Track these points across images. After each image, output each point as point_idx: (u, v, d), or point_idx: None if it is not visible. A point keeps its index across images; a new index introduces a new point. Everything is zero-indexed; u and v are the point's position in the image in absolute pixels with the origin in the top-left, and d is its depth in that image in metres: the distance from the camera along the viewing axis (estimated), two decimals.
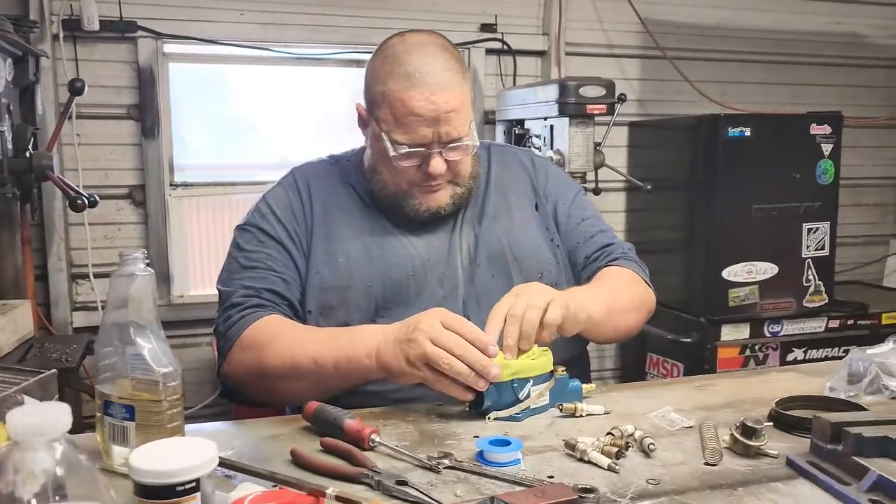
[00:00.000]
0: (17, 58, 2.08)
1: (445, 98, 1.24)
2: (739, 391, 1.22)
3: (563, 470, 0.91)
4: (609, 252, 1.41)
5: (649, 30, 3.07)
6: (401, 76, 1.24)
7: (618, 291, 1.31)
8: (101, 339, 0.90)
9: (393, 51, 1.28)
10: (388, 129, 1.26)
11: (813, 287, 2.75)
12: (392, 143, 1.25)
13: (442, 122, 1.24)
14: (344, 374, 1.14)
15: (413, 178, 1.29)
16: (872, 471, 0.83)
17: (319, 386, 1.14)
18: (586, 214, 1.46)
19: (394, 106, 1.24)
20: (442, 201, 1.32)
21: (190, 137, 2.72)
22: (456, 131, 1.26)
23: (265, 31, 2.66)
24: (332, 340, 1.17)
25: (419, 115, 1.23)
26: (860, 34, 3.46)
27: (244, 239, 1.34)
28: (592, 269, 1.40)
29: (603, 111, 2.45)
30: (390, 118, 1.25)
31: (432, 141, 1.25)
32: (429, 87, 1.23)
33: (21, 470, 0.52)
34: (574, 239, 1.43)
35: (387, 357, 1.09)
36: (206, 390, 2.66)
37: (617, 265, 1.39)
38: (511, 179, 1.45)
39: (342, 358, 1.14)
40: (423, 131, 1.24)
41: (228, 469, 0.87)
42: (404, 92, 1.23)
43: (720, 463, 0.92)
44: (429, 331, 1.05)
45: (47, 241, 2.48)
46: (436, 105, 1.23)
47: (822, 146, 2.71)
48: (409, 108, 1.23)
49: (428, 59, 1.26)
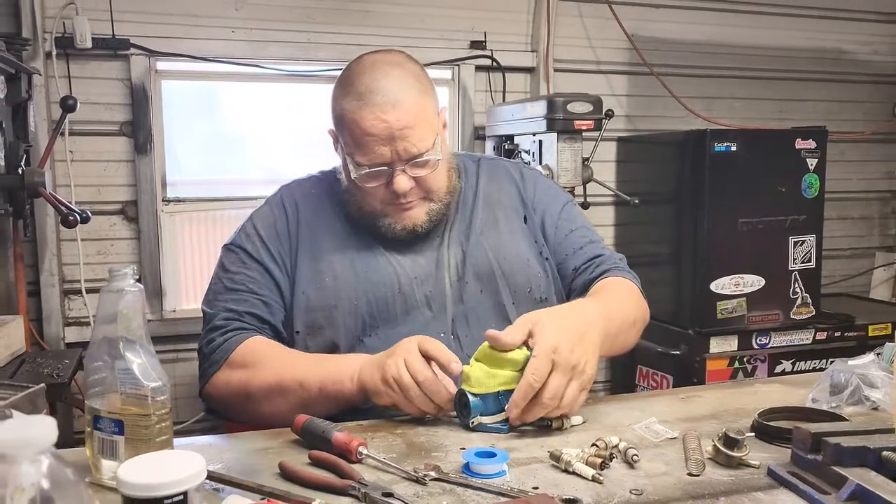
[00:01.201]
0: (9, 75, 2.09)
1: (397, 115, 1.23)
2: (724, 402, 1.23)
3: (548, 481, 0.92)
4: (599, 262, 1.39)
5: (636, 46, 3.11)
6: (352, 96, 1.25)
7: (625, 307, 1.29)
8: (90, 354, 0.91)
9: (348, 73, 1.29)
10: (350, 152, 1.27)
11: (800, 299, 2.78)
12: (354, 165, 1.26)
13: (398, 139, 1.23)
14: (328, 397, 1.16)
15: (383, 198, 1.29)
16: (851, 480, 0.84)
17: (303, 408, 1.14)
18: (575, 225, 1.44)
19: (350, 127, 1.25)
20: (417, 219, 1.32)
21: (182, 153, 2.74)
22: (415, 147, 1.25)
23: (256, 49, 2.68)
24: (319, 365, 1.19)
25: (373, 135, 1.23)
26: (844, 50, 3.52)
27: (229, 259, 1.35)
28: (583, 281, 1.38)
29: (590, 127, 2.48)
30: (350, 140, 1.26)
31: (392, 160, 1.25)
32: (379, 106, 1.23)
33: (9, 483, 0.53)
34: (563, 251, 1.41)
35: (365, 377, 1.13)
36: (198, 405, 2.65)
37: (612, 276, 1.37)
38: (499, 193, 1.44)
39: (328, 381, 1.16)
40: (380, 150, 1.24)
41: (216, 482, 0.88)
42: (357, 112, 1.24)
43: (703, 473, 0.94)
44: (405, 354, 1.09)
45: (40, 257, 2.48)
46: (388, 123, 1.22)
47: (807, 160, 2.75)
48: (363, 129, 1.23)
49: (378, 76, 1.25)
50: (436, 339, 1.12)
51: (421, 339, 1.12)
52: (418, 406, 1.09)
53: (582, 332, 1.08)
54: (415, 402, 1.09)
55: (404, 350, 1.10)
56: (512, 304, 1.35)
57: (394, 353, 1.11)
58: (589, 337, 1.09)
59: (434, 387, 1.08)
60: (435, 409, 1.10)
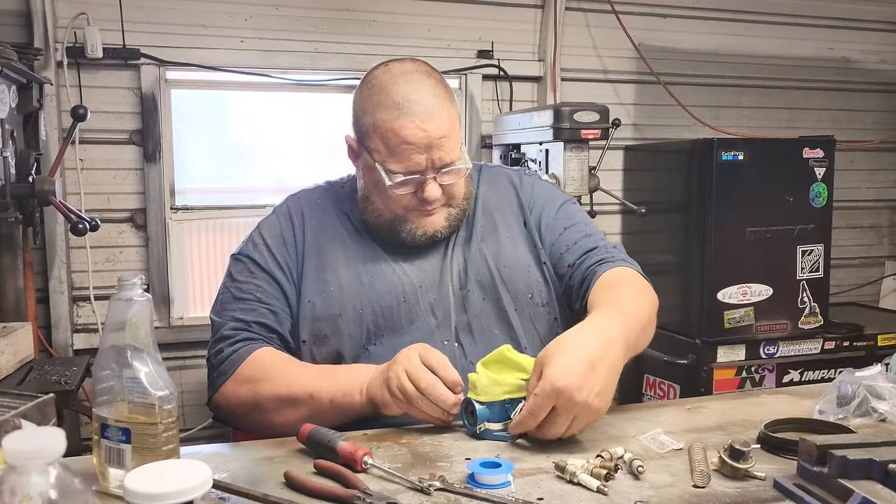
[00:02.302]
0: (21, 85, 2.12)
1: (436, 125, 1.25)
2: (730, 413, 1.23)
3: (552, 492, 0.92)
4: (594, 254, 1.35)
5: (643, 56, 3.12)
6: (389, 106, 1.25)
7: (639, 307, 1.22)
8: (99, 363, 0.91)
9: (378, 81, 1.29)
10: (382, 160, 1.27)
11: (808, 309, 2.76)
12: (387, 173, 1.26)
13: (434, 148, 1.25)
14: (338, 409, 1.17)
15: (409, 205, 1.30)
16: (857, 493, 0.84)
17: (313, 419, 1.15)
18: (570, 222, 1.41)
19: (385, 136, 1.25)
20: (438, 224, 1.33)
21: (191, 162, 2.76)
22: (448, 156, 1.27)
23: (265, 58, 2.71)
24: (329, 376, 1.20)
25: (411, 144, 1.24)
26: (852, 59, 3.51)
27: (237, 269, 1.36)
28: (580, 277, 1.34)
29: (597, 136, 2.48)
30: (383, 148, 1.26)
31: (426, 168, 1.26)
32: (419, 116, 1.24)
33: (17, 493, 0.54)
34: (558, 249, 1.38)
35: (373, 389, 1.14)
36: (205, 412, 2.64)
37: (612, 268, 1.30)
38: (498, 199, 1.44)
39: (338, 393, 1.16)
40: (416, 159, 1.25)
41: (222, 491, 0.88)
42: (395, 121, 1.24)
43: (708, 485, 0.93)
44: (406, 364, 1.10)
45: (49, 265, 2.50)
46: (427, 132, 1.24)
47: (815, 170, 2.75)
48: (402, 138, 1.24)
49: (414, 86, 1.26)
50: (437, 350, 1.13)
51: (423, 349, 1.12)
52: (426, 412, 1.10)
53: (597, 358, 1.02)
54: (422, 409, 1.09)
55: (404, 359, 1.11)
56: (514, 310, 1.35)
57: (395, 361, 1.12)
58: (607, 361, 1.04)
59: (437, 392, 1.08)
60: (443, 413, 1.10)
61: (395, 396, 1.10)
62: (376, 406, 1.14)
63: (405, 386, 1.08)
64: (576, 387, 1.00)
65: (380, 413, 1.15)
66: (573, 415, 1.02)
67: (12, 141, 1.98)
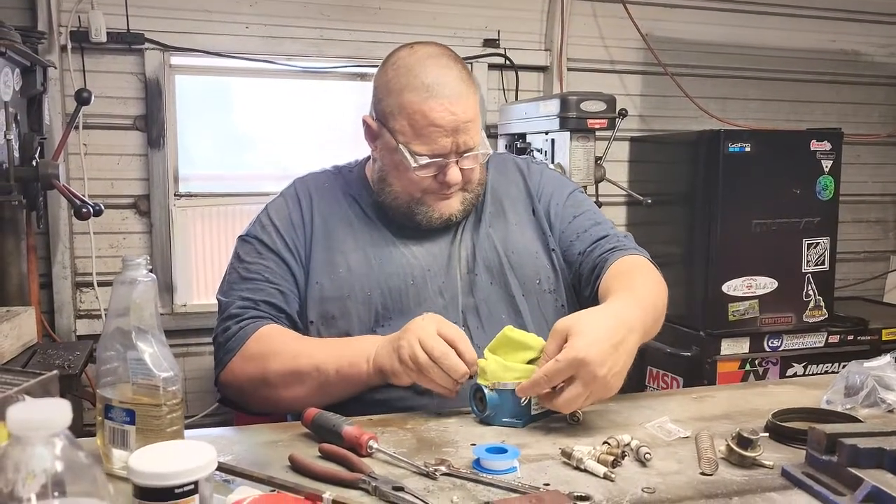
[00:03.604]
0: (24, 68, 2.10)
1: (463, 108, 1.26)
2: (737, 403, 1.22)
3: (559, 478, 0.91)
4: (605, 242, 1.35)
5: (651, 46, 3.09)
6: (418, 88, 1.25)
7: (653, 292, 1.23)
8: (102, 344, 0.91)
9: (405, 63, 1.29)
10: (406, 141, 1.27)
11: (813, 302, 2.75)
12: (411, 155, 1.26)
13: (461, 131, 1.26)
14: (345, 379, 1.16)
15: (428, 187, 1.31)
16: (867, 482, 0.83)
17: (321, 392, 1.16)
18: (579, 210, 1.42)
19: (412, 117, 1.25)
20: (454, 208, 1.34)
21: (195, 148, 2.75)
22: (472, 140, 1.28)
23: (270, 45, 2.69)
24: (334, 348, 1.19)
25: (440, 126, 1.24)
26: (860, 52, 3.49)
27: (244, 250, 1.35)
28: (591, 264, 1.34)
29: (604, 126, 2.47)
30: (408, 130, 1.26)
31: (451, 151, 1.27)
32: (448, 98, 1.25)
33: (21, 469, 0.53)
34: (568, 237, 1.39)
35: (382, 358, 1.13)
36: (209, 399, 2.67)
37: (623, 256, 1.31)
38: (507, 186, 1.45)
39: (344, 363, 1.16)
40: (442, 142, 1.25)
41: (227, 473, 0.88)
42: (423, 103, 1.24)
43: (716, 473, 0.93)
44: (419, 332, 1.08)
45: (52, 250, 2.50)
46: (455, 115, 1.25)
47: (822, 162, 2.73)
48: (430, 119, 1.24)
49: (443, 70, 1.27)
50: (453, 324, 1.12)
51: (440, 322, 1.11)
52: (436, 381, 1.08)
53: (618, 341, 1.03)
54: (433, 379, 1.08)
55: (418, 328, 1.09)
56: (522, 295, 1.35)
57: (408, 329, 1.10)
58: (626, 345, 1.05)
59: (449, 361, 1.07)
60: (453, 384, 1.09)
61: (406, 365, 1.09)
62: (384, 375, 1.13)
63: (417, 354, 1.07)
64: (600, 362, 1.00)
65: (388, 384, 1.14)
66: (589, 389, 1.02)
67: (16, 124, 1.97)
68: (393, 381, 1.13)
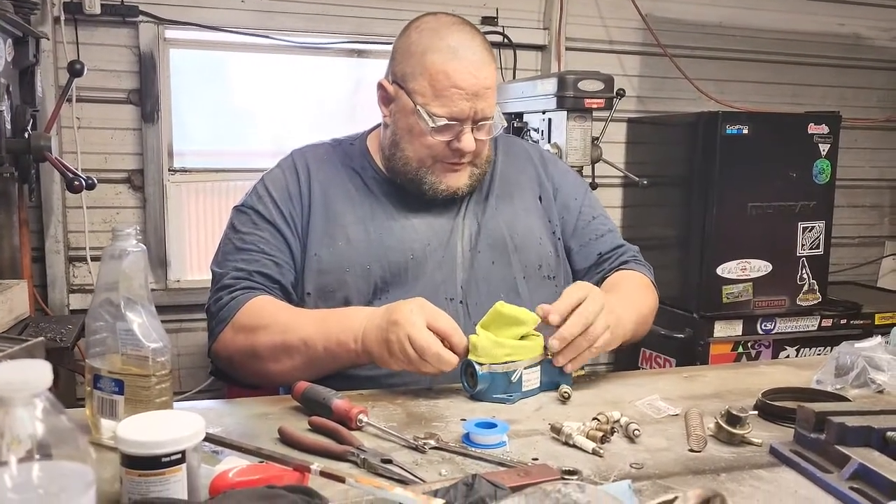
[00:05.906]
0: (17, 38, 2.08)
1: (485, 74, 1.27)
2: (727, 382, 1.23)
3: (547, 453, 0.91)
4: (621, 253, 1.44)
5: (650, 27, 3.07)
6: (443, 49, 1.26)
7: (642, 303, 1.33)
8: (92, 314, 0.90)
9: (429, 26, 1.30)
10: (425, 102, 1.27)
11: (807, 286, 2.76)
12: (429, 115, 1.26)
13: (480, 97, 1.26)
14: (333, 356, 1.16)
15: (439, 154, 1.30)
16: (854, 459, 0.84)
17: (309, 367, 1.15)
18: (596, 213, 1.48)
19: (435, 77, 1.25)
20: (461, 181, 1.34)
21: (189, 123, 2.72)
22: (490, 109, 1.29)
23: (266, 19, 2.66)
24: (323, 323, 1.18)
25: (461, 88, 1.25)
26: (861, 35, 3.46)
27: (240, 220, 1.34)
28: (608, 267, 1.42)
29: (601, 105, 2.45)
30: (429, 90, 1.26)
31: (468, 116, 1.27)
32: (471, 62, 1.25)
33: (6, 434, 0.53)
34: (586, 235, 1.45)
35: (370, 344, 1.12)
36: (202, 375, 2.67)
37: (629, 269, 1.41)
38: (517, 170, 1.45)
39: (332, 341, 1.15)
40: (461, 105, 1.25)
41: (215, 444, 0.88)
42: (447, 63, 1.25)
43: (704, 450, 0.93)
44: (409, 328, 1.06)
45: (45, 224, 2.48)
46: (477, 79, 1.25)
47: (819, 146, 2.72)
48: (452, 80, 1.25)
49: (468, 36, 1.29)
50: (444, 313, 1.10)
51: (430, 313, 1.09)
52: (428, 372, 1.09)
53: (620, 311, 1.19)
54: (422, 370, 1.09)
55: (408, 322, 1.07)
56: (523, 278, 1.35)
57: (396, 322, 1.08)
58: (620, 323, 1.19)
59: (442, 358, 1.06)
60: (439, 372, 1.09)
61: (396, 357, 1.08)
62: (372, 358, 1.13)
63: (408, 351, 1.07)
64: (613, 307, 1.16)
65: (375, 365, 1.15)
66: (600, 307, 1.11)
67: (7, 96, 1.94)
68: (380, 365, 1.13)
